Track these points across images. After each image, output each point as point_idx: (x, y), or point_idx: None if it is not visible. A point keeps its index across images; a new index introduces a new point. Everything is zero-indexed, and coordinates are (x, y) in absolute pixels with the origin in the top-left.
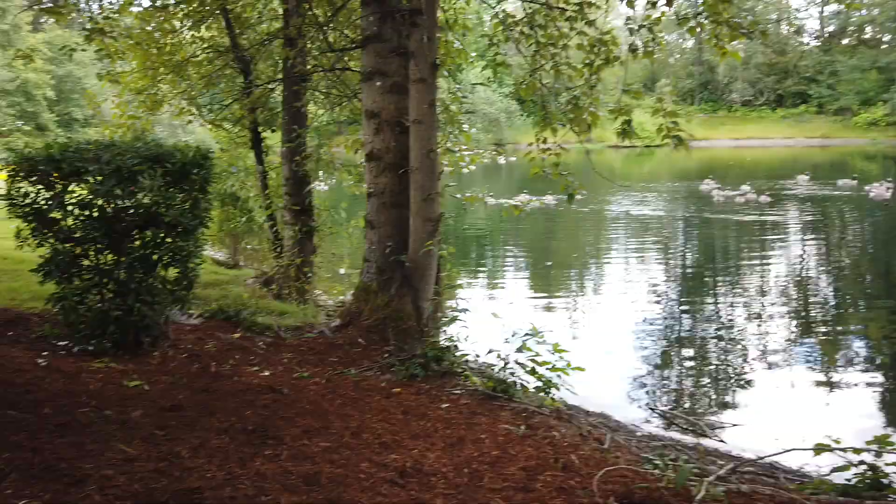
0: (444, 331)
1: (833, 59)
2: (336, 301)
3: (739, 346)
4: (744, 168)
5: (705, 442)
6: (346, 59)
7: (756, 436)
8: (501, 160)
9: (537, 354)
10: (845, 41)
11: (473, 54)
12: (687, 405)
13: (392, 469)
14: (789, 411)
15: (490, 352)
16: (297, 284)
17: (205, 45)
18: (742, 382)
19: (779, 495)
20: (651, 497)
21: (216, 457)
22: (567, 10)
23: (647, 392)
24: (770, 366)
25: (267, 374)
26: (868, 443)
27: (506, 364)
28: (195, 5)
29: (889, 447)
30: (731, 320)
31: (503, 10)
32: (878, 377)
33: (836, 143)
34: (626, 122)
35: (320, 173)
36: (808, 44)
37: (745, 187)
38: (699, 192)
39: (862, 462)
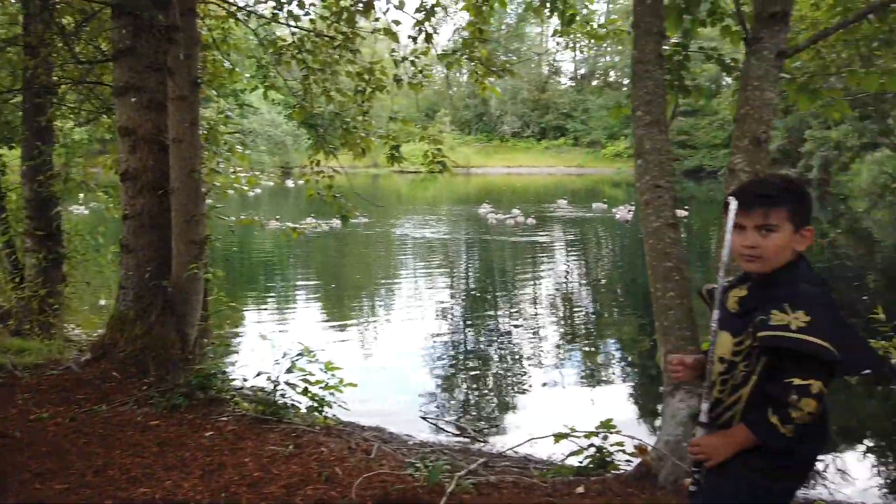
0: (212, 357)
1: (585, 98)
2: (91, 335)
3: (513, 358)
4: (515, 193)
5: (473, 444)
6: (98, 71)
7: (519, 434)
8: (290, 183)
9: (310, 374)
10: (594, 83)
11: (248, 76)
12: (462, 413)
13: (140, 503)
14: (550, 410)
15: (259, 374)
16: (40, 318)
17: None
18: (512, 389)
19: (522, 481)
20: (406, 496)
21: None
22: (335, 38)
23: (425, 403)
24: (539, 373)
25: None
26: (597, 427)
27: (276, 386)
28: None
29: (612, 430)
30: (506, 334)
31: (273, 33)
32: (627, 376)
33: (590, 171)
34: (395, 148)
35: (80, 195)
36: (564, 83)
37: (516, 211)
38: (477, 216)
39: (592, 445)
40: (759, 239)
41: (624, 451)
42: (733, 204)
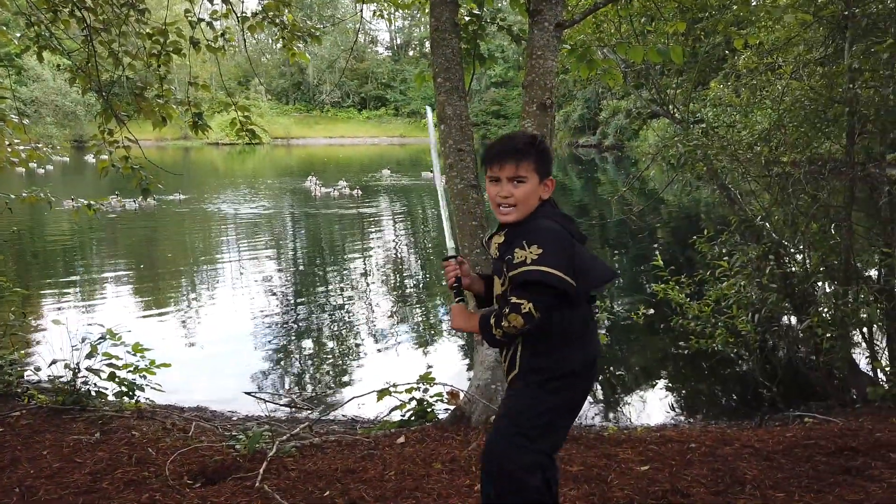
0: None
1: (403, 69)
2: None
3: (344, 328)
4: (339, 165)
5: (301, 413)
6: None
7: (347, 399)
8: (89, 158)
9: (116, 358)
10: (411, 53)
11: (18, 35)
12: (292, 386)
13: None
14: (380, 373)
15: (53, 363)
16: None
17: None
18: (343, 358)
19: (344, 439)
20: (224, 466)
21: None
22: None
23: (252, 381)
24: (370, 340)
25: None
26: (417, 382)
27: (76, 373)
28: None
29: (431, 382)
30: (337, 306)
31: None
32: (450, 333)
33: (411, 141)
34: (197, 115)
35: None
36: (382, 53)
37: (342, 182)
38: (302, 189)
39: (413, 399)
40: (512, 189)
41: (442, 401)
42: None
